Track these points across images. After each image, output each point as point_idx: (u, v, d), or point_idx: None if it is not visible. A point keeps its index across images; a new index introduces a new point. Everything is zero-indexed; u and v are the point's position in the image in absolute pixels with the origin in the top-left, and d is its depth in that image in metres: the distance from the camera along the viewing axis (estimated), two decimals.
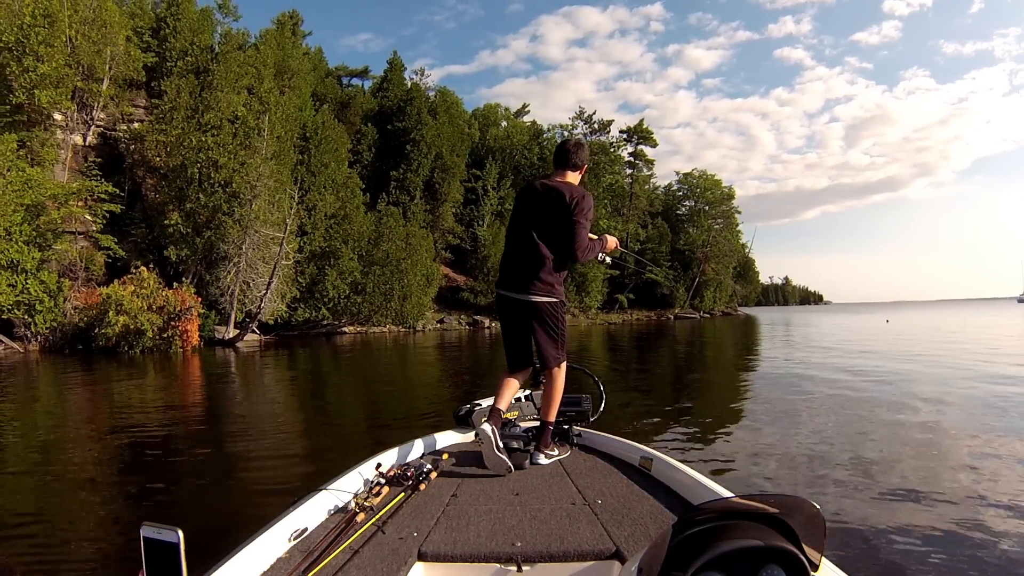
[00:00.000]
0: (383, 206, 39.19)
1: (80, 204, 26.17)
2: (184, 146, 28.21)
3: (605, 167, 58.87)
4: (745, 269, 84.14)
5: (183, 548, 1.19)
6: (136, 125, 32.33)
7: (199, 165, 28.24)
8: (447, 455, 3.08)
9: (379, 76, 54.04)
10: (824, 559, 1.30)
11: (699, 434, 6.87)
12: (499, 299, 3.32)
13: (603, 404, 3.68)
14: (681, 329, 39.33)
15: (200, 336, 24.08)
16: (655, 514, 2.25)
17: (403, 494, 2.49)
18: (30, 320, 22.53)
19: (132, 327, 21.50)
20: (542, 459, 3.08)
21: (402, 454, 2.98)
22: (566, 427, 3.37)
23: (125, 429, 7.73)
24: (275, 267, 27.20)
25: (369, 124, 46.47)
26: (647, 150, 67.72)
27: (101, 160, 30.45)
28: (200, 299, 24.32)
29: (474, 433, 3.51)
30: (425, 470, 2.69)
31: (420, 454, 3.13)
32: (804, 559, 1.19)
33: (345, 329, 35.25)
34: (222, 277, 27.35)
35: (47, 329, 22.94)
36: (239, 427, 8.23)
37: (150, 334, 21.70)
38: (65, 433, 7.79)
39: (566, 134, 60.21)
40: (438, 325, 42.31)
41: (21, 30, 25.39)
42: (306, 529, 2.06)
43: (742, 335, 30.93)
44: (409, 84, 50.85)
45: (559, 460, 3.11)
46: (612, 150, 62.29)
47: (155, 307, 22.20)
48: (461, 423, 3.65)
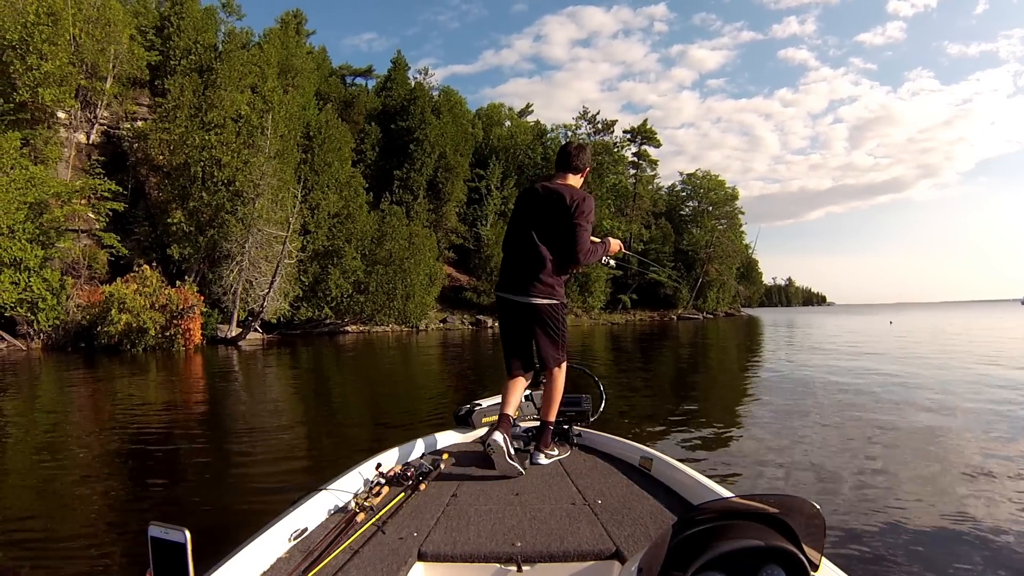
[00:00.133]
0: (386, 205, 39.23)
1: (83, 202, 26.18)
2: (187, 144, 28.17)
3: (609, 167, 58.93)
4: (748, 270, 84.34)
5: (190, 548, 1.21)
6: (140, 123, 32.37)
7: (202, 163, 28.20)
8: (447, 455, 3.07)
9: (383, 75, 54.06)
10: (824, 559, 1.31)
11: (700, 434, 6.87)
12: (499, 302, 3.32)
13: (603, 404, 3.69)
14: (684, 330, 39.30)
15: (203, 335, 24.02)
16: (655, 514, 2.25)
17: (403, 494, 2.49)
18: (33, 318, 22.51)
19: (135, 325, 21.50)
20: (542, 459, 3.09)
21: (402, 454, 2.98)
22: (566, 427, 3.38)
23: (127, 428, 7.73)
24: (278, 266, 27.19)
25: (373, 123, 46.47)
26: (651, 150, 67.98)
27: (104, 158, 30.48)
28: (203, 298, 24.30)
29: (475, 434, 3.55)
30: (425, 470, 2.68)
31: (420, 454, 3.13)
32: (804, 559, 1.20)
33: (348, 328, 35.23)
34: (225, 276, 27.33)
35: (50, 327, 22.93)
36: (241, 426, 8.21)
37: (152, 332, 21.69)
38: (68, 432, 7.76)
39: (570, 134, 60.27)
40: (441, 325, 42.25)
41: (25, 28, 25.33)
42: (306, 529, 2.06)
43: (745, 336, 30.87)
44: (413, 84, 50.85)
45: (559, 460, 3.12)
46: (616, 150, 62.29)
47: (158, 305, 22.18)
48: (461, 423, 3.65)
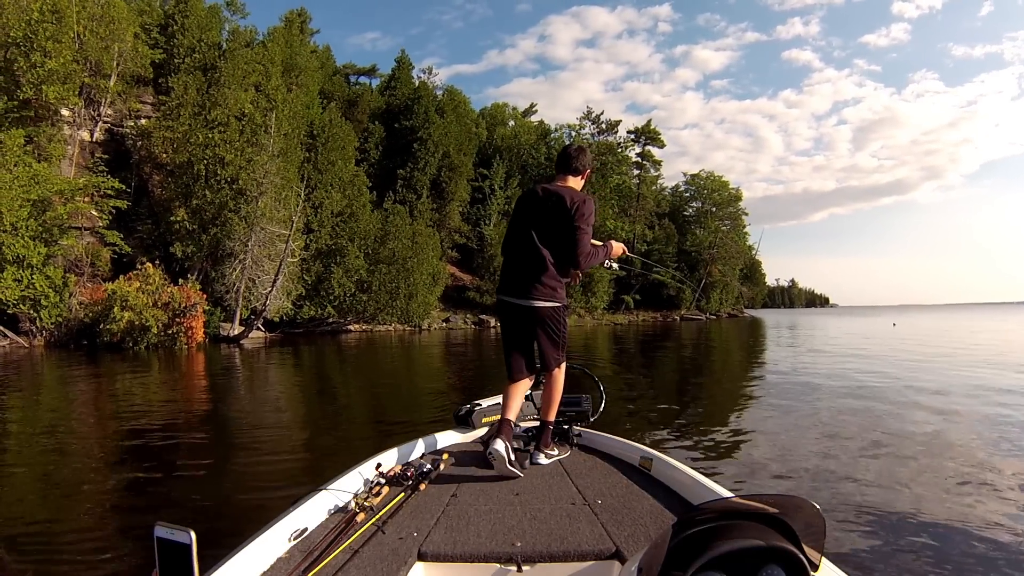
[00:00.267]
0: (390, 204, 39.13)
1: (86, 200, 26.18)
2: (191, 143, 28.11)
3: (612, 167, 58.86)
4: (752, 271, 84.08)
5: (195, 549, 1.22)
6: (143, 121, 32.39)
7: (206, 162, 28.12)
8: (447, 455, 3.06)
9: (387, 75, 54.11)
10: (824, 559, 1.32)
11: (700, 435, 6.88)
12: (500, 304, 3.29)
13: (603, 404, 3.69)
14: (687, 330, 39.28)
15: (205, 333, 23.98)
16: (655, 514, 2.26)
17: (403, 494, 2.49)
18: (35, 315, 22.47)
19: (137, 323, 21.47)
20: (542, 459, 3.09)
21: (402, 454, 2.98)
22: (566, 427, 3.38)
23: (130, 427, 7.70)
24: (281, 264, 27.17)
25: (376, 122, 46.45)
26: (654, 151, 67.87)
27: (108, 156, 30.49)
28: (205, 296, 24.27)
29: (475, 434, 3.56)
30: (425, 470, 2.68)
31: (420, 454, 3.12)
32: (804, 559, 1.20)
33: (350, 327, 35.17)
34: (228, 274, 27.28)
35: (52, 324, 22.89)
36: (243, 425, 8.17)
37: (155, 330, 21.65)
38: (71, 430, 7.73)
39: (574, 134, 60.23)
40: (444, 324, 42.18)
41: (29, 26, 25.31)
42: (306, 529, 2.06)
43: (747, 338, 30.82)
44: (417, 83, 50.84)
45: (559, 460, 3.12)
46: (619, 150, 62.19)
47: (160, 303, 22.14)
48: (461, 423, 3.65)
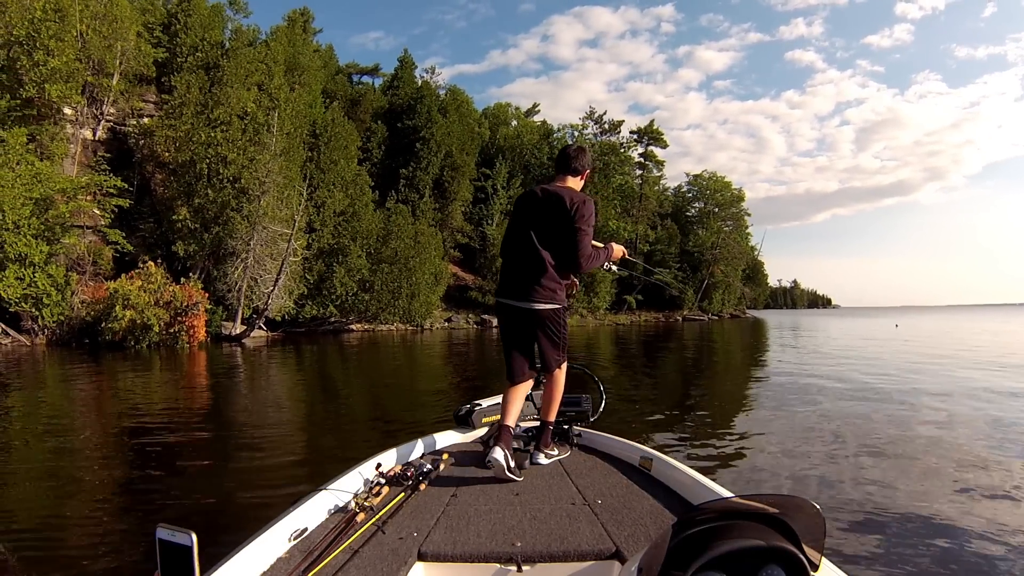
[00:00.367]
0: (392, 204, 39.07)
1: (89, 198, 26.14)
2: (193, 141, 28.07)
3: (615, 168, 58.79)
4: (754, 271, 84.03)
5: (196, 550, 1.23)
6: (146, 120, 32.33)
7: (208, 161, 28.09)
8: (447, 455, 3.06)
9: (389, 74, 54.05)
10: (824, 559, 1.32)
11: (701, 435, 6.88)
12: (499, 307, 3.26)
13: (603, 404, 3.69)
14: (689, 331, 39.22)
15: (207, 332, 23.98)
16: (655, 514, 2.26)
17: (403, 494, 2.49)
18: (37, 313, 22.45)
19: (139, 322, 21.43)
20: (542, 459, 3.08)
21: (402, 454, 2.97)
22: (566, 427, 3.38)
23: (131, 426, 7.68)
24: (283, 263, 27.15)
25: (379, 122, 46.40)
26: (657, 151, 67.61)
27: (110, 155, 30.45)
28: (207, 295, 24.27)
29: (475, 434, 3.56)
30: (425, 470, 2.68)
31: (420, 454, 3.12)
32: (804, 559, 1.21)
33: (352, 327, 35.11)
34: (230, 273, 27.23)
35: (54, 323, 22.86)
36: (244, 425, 8.13)
37: (157, 329, 21.62)
38: (72, 429, 7.71)
39: (576, 134, 60.16)
40: (446, 324, 42.10)
41: (32, 24, 25.30)
42: (306, 529, 2.05)
43: (749, 338, 30.75)
44: (419, 82, 50.81)
45: (559, 460, 3.11)
46: (622, 151, 62.07)
47: (162, 302, 22.11)
48: (461, 423, 3.64)
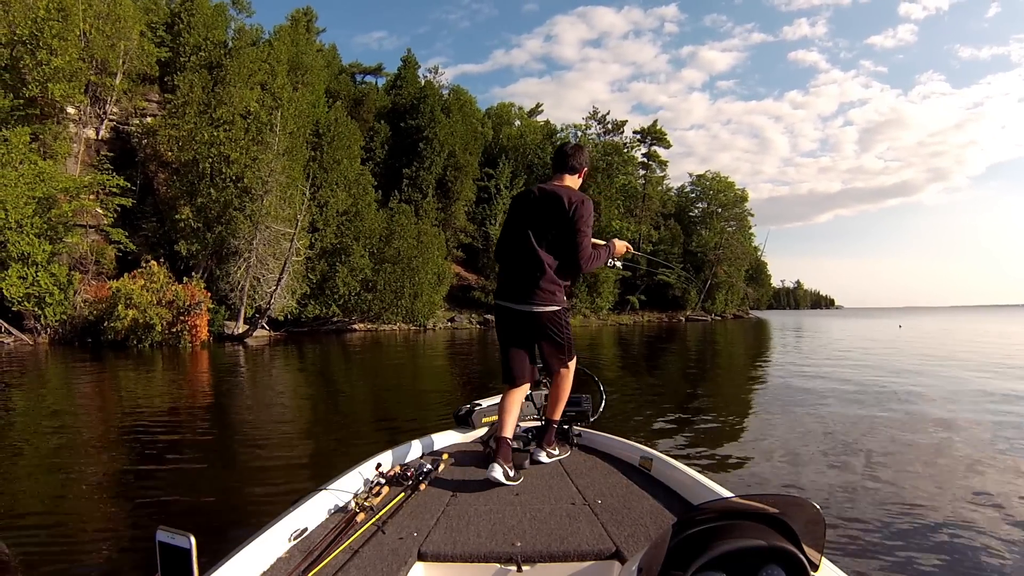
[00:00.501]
0: (395, 203, 39.03)
1: (91, 198, 26.09)
2: (196, 141, 28.06)
3: (618, 168, 58.70)
4: (757, 272, 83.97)
5: (195, 553, 1.24)
6: (148, 120, 32.37)
7: (211, 160, 28.08)
8: (447, 455, 3.04)
9: (393, 74, 54.10)
10: (824, 559, 1.32)
11: (702, 436, 6.87)
12: (498, 310, 3.17)
13: (603, 404, 3.68)
14: (692, 331, 39.15)
15: (209, 331, 23.91)
16: (655, 514, 2.26)
17: (403, 494, 2.48)
18: (40, 312, 22.43)
19: (141, 321, 21.39)
20: (543, 456, 3.04)
21: (402, 454, 2.96)
22: (566, 427, 3.36)
23: (132, 425, 7.64)
24: (286, 263, 27.08)
25: (382, 121, 46.39)
26: (660, 151, 67.70)
27: (113, 154, 30.43)
28: (210, 294, 24.21)
29: (475, 434, 3.54)
30: (425, 470, 2.67)
31: (420, 454, 3.10)
32: (804, 559, 1.21)
33: (355, 326, 35.05)
34: (232, 272, 27.21)
35: (57, 322, 22.84)
36: (245, 425, 8.09)
37: (159, 328, 21.57)
38: (74, 428, 7.68)
39: (580, 134, 60.12)
40: (449, 324, 42.04)
41: (35, 23, 25.29)
42: (306, 529, 2.05)
43: (752, 339, 30.65)
44: (423, 82, 50.82)
45: (559, 460, 3.08)
46: (625, 151, 62.04)
47: (164, 301, 22.06)
48: (461, 423, 3.62)
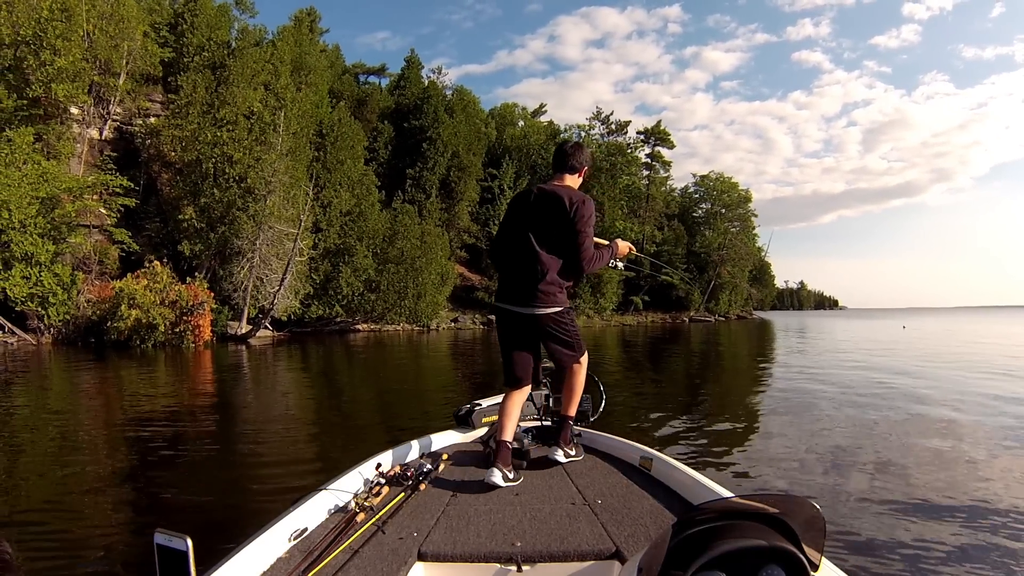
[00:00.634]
0: (399, 204, 39.02)
1: (95, 198, 26.12)
2: (199, 141, 28.03)
3: (622, 168, 58.63)
4: (761, 273, 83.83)
5: (192, 555, 1.25)
6: (152, 120, 32.37)
7: (214, 160, 28.05)
8: (447, 455, 3.04)
9: (396, 74, 54.02)
10: (824, 559, 1.32)
11: (703, 436, 6.86)
12: (499, 313, 3.12)
13: (603, 404, 3.68)
14: (696, 332, 39.00)
15: (212, 331, 23.88)
16: (655, 514, 2.26)
17: (403, 494, 2.48)
18: (43, 312, 22.45)
19: (144, 321, 21.37)
20: (560, 456, 2.97)
21: (402, 454, 2.95)
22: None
23: (135, 425, 7.62)
24: (289, 263, 27.04)
25: (386, 122, 46.35)
26: (664, 152, 67.51)
27: (117, 154, 30.46)
28: (213, 294, 24.18)
29: (475, 434, 3.53)
30: (425, 470, 2.67)
31: (420, 454, 3.09)
32: (804, 559, 1.21)
33: (359, 327, 35.00)
34: (235, 272, 27.17)
35: (60, 322, 22.85)
36: (247, 425, 8.04)
37: (162, 328, 21.55)
38: (76, 428, 7.65)
39: (583, 134, 60.07)
40: (452, 324, 41.97)
41: (39, 24, 25.30)
42: (306, 529, 2.05)
43: (756, 340, 30.49)
44: (426, 82, 50.70)
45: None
46: (629, 151, 61.86)
47: (168, 301, 22.03)
48: (461, 423, 3.61)
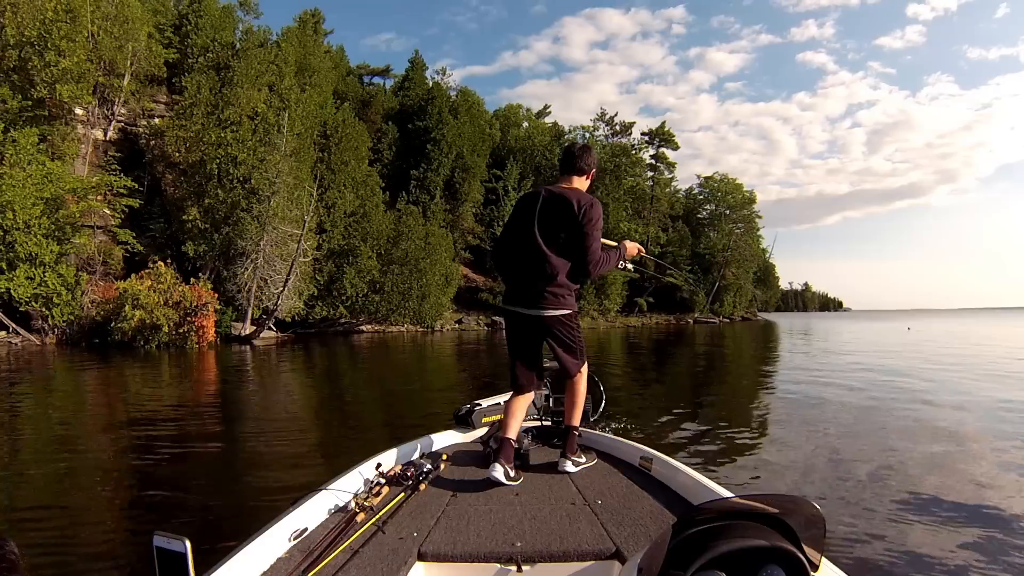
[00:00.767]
0: (403, 205, 38.95)
1: (99, 198, 26.14)
2: (204, 142, 28.06)
3: (626, 170, 58.46)
4: (765, 274, 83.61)
5: (191, 557, 1.25)
6: (156, 121, 32.38)
7: (218, 161, 28.07)
8: (447, 455, 3.04)
9: (400, 75, 54.06)
10: (824, 559, 1.31)
11: (705, 437, 6.84)
12: (507, 315, 3.10)
13: (603, 404, 3.68)
14: (700, 334, 38.84)
15: (216, 332, 23.82)
16: (655, 514, 2.25)
17: (403, 494, 2.48)
18: (47, 313, 22.45)
19: (148, 322, 21.34)
20: (570, 466, 2.89)
21: (402, 454, 2.94)
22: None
23: (137, 425, 7.57)
24: (293, 264, 26.97)
25: (390, 123, 46.32)
26: (668, 153, 67.45)
27: (121, 155, 30.54)
28: (217, 295, 24.14)
29: (475, 434, 3.52)
30: (425, 470, 2.66)
31: (420, 454, 3.07)
32: (804, 559, 1.20)
33: (363, 328, 34.94)
34: (239, 273, 27.13)
35: (64, 322, 22.85)
36: (250, 425, 7.96)
37: (166, 329, 21.50)
38: (78, 428, 7.61)
39: (588, 135, 59.92)
40: (456, 325, 41.86)
41: (43, 25, 25.36)
42: (306, 529, 2.05)
43: (760, 342, 30.27)
44: (431, 84, 50.66)
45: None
46: (633, 153, 61.70)
47: (172, 302, 21.99)
48: (461, 423, 3.60)
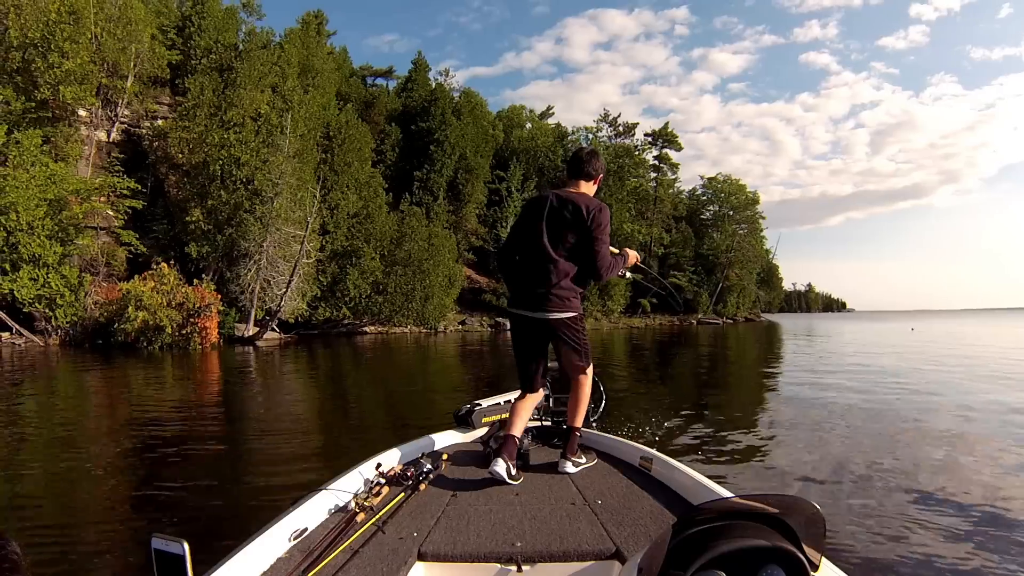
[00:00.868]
0: (406, 206, 38.92)
1: (103, 200, 26.15)
2: (207, 143, 28.08)
3: (629, 170, 58.36)
4: (768, 275, 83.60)
5: (189, 559, 1.25)
6: (160, 122, 32.43)
7: (221, 162, 28.08)
8: (447, 455, 3.03)
9: (403, 76, 53.97)
10: (824, 559, 1.31)
11: (706, 438, 6.83)
12: (513, 318, 3.11)
13: (603, 404, 3.70)
14: (703, 335, 38.77)
15: (219, 333, 23.80)
16: (655, 514, 2.25)
17: (403, 494, 2.48)
18: (51, 314, 22.46)
19: (151, 323, 21.31)
20: (569, 467, 2.91)
21: (402, 454, 2.94)
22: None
23: (139, 426, 7.55)
24: (296, 265, 26.95)
25: (393, 124, 46.31)
26: (672, 154, 67.41)
27: (124, 156, 30.56)
28: (220, 296, 24.12)
29: (475, 434, 3.52)
30: (425, 470, 2.66)
31: (420, 454, 3.04)
32: (804, 559, 1.20)
33: (366, 329, 34.91)
34: (243, 275, 27.11)
35: (67, 323, 22.84)
36: (252, 426, 7.93)
37: (169, 330, 21.47)
38: (81, 429, 7.58)
39: (591, 136, 59.88)
40: (460, 326, 41.82)
41: (47, 27, 25.39)
42: (306, 529, 2.04)
43: (763, 343, 30.18)
44: (434, 85, 50.67)
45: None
46: (637, 153, 61.66)
47: (175, 303, 21.97)
48: (461, 423, 3.61)
